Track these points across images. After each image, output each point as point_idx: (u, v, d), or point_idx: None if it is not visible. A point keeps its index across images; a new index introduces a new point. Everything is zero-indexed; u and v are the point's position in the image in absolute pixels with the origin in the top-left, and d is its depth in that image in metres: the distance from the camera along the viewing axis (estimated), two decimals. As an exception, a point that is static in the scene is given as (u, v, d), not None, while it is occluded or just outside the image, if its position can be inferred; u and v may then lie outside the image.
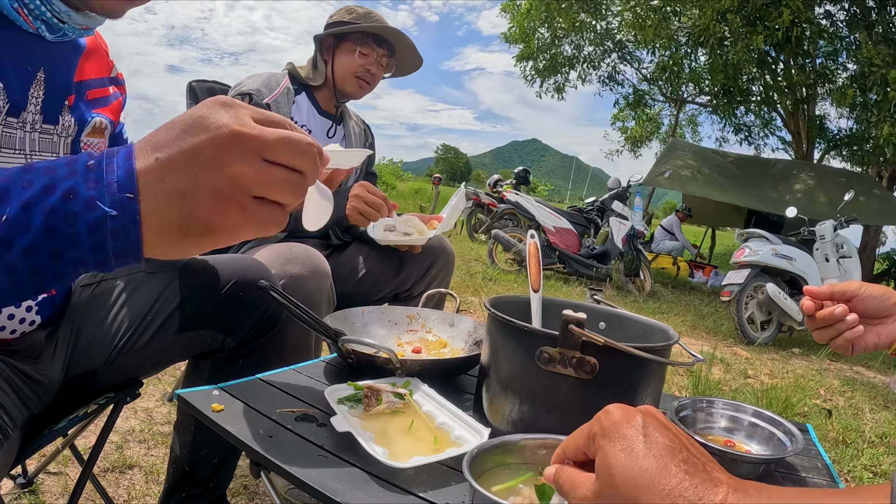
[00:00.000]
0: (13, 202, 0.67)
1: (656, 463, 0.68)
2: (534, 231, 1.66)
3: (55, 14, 1.16)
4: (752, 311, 7.92)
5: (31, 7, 1.12)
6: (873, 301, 1.46)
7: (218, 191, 0.70)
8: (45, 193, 0.68)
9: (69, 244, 0.68)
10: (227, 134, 0.70)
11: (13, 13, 1.12)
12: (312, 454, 1.17)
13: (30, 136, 1.25)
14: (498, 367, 1.33)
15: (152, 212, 0.69)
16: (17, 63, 1.17)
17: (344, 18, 2.67)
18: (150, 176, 0.69)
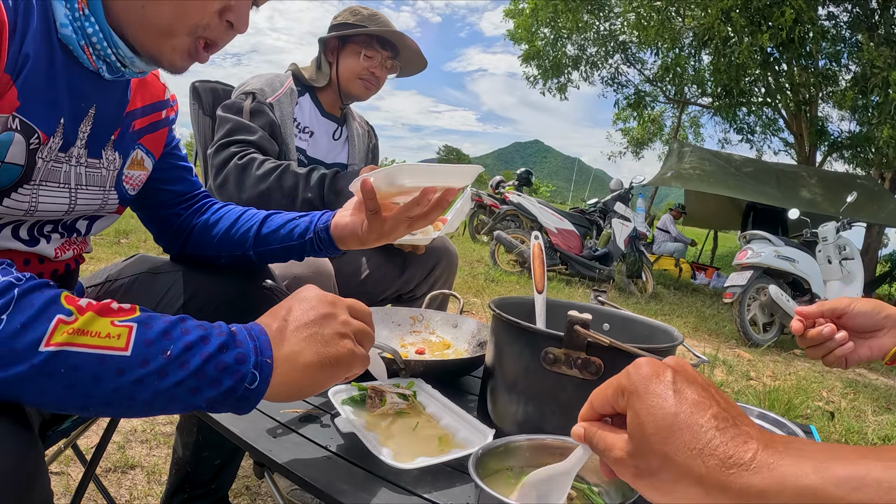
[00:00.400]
0: (177, 342, 0.84)
1: (688, 420, 0.69)
2: (538, 233, 1.66)
3: (119, 58, 1.19)
4: (754, 312, 7.90)
5: (98, 47, 1.15)
6: (863, 317, 1.47)
7: (338, 331, 1.01)
8: (202, 342, 0.87)
9: (210, 385, 0.86)
10: (331, 299, 1.04)
11: (79, 50, 1.14)
12: (317, 455, 1.17)
13: (75, 169, 1.26)
14: (503, 367, 1.33)
15: (279, 373, 0.94)
16: (74, 99, 1.19)
17: (349, 20, 2.65)
18: (278, 341, 0.97)
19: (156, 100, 1.50)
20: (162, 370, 0.82)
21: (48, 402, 0.78)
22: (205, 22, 1.19)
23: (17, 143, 1.07)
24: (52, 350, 0.76)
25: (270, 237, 1.60)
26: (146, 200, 1.62)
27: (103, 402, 0.81)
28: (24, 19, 1.05)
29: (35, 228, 1.27)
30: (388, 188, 1.36)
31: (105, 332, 0.80)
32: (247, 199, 2.26)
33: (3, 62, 1.01)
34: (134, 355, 0.81)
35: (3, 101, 1.03)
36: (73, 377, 0.77)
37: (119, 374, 0.79)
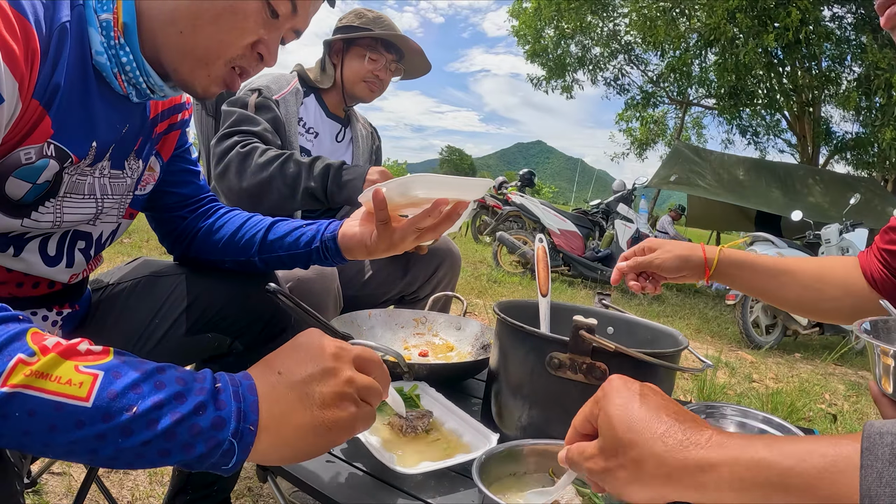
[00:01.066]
0: (146, 398, 0.76)
1: (650, 413, 0.78)
2: (542, 235, 1.66)
3: (149, 85, 1.24)
4: (756, 314, 7.89)
5: (131, 75, 1.20)
6: (668, 271, 1.72)
7: (339, 392, 0.89)
8: (176, 399, 0.78)
9: (181, 449, 0.77)
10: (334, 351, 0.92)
11: (111, 76, 1.19)
12: (320, 458, 1.16)
13: (99, 181, 1.30)
14: (507, 372, 1.32)
15: (267, 438, 0.84)
16: (109, 122, 1.24)
17: (353, 23, 2.65)
18: (268, 398, 0.86)
19: (174, 103, 1.53)
20: (126, 427, 0.75)
21: (6, 444, 0.74)
22: (239, 53, 1.24)
23: (51, 167, 1.12)
24: (7, 391, 0.71)
25: (276, 244, 1.60)
26: (152, 202, 1.62)
27: (64, 452, 0.75)
28: (58, 47, 1.07)
29: (66, 243, 1.32)
30: (400, 199, 1.36)
31: (66, 378, 0.74)
32: (247, 187, 2.25)
33: (33, 88, 1.03)
34: (95, 407, 0.74)
35: (39, 129, 1.06)
36: (27, 423, 0.72)
37: (77, 427, 0.73)
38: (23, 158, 1.07)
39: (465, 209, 1.40)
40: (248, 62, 1.28)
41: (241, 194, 2.27)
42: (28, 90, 1.02)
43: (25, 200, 1.14)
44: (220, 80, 1.28)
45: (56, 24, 1.06)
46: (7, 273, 1.24)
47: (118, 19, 1.15)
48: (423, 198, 1.34)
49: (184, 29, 1.18)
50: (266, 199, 2.26)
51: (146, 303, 1.59)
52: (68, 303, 1.46)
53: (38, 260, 1.27)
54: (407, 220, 1.42)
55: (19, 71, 0.97)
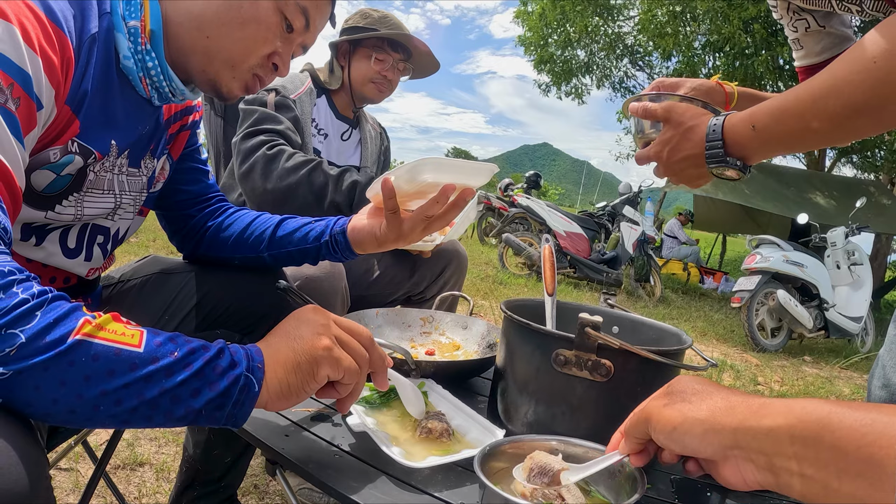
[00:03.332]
0: (182, 346, 0.91)
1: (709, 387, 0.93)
2: (548, 236, 1.67)
3: (171, 89, 1.34)
4: (762, 317, 7.90)
5: (155, 79, 1.30)
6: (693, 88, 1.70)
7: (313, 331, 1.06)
8: (203, 348, 0.93)
9: (209, 385, 0.91)
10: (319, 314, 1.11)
11: (137, 80, 1.28)
12: (328, 453, 1.18)
13: (118, 178, 1.37)
14: (514, 369, 1.34)
15: (272, 378, 0.99)
16: (130, 123, 1.33)
17: (359, 24, 2.66)
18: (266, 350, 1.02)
19: (186, 105, 1.59)
20: (169, 369, 0.88)
21: (64, 396, 0.81)
22: (258, 61, 1.36)
23: (76, 162, 1.20)
24: (78, 339, 0.82)
25: (285, 240, 1.62)
26: (162, 200, 1.66)
27: (114, 399, 0.84)
28: (88, 56, 1.16)
29: (86, 236, 1.39)
30: (408, 186, 1.37)
31: (121, 332, 0.87)
32: (272, 190, 2.26)
33: (66, 94, 1.11)
34: (146, 352, 0.87)
35: (68, 132, 1.15)
36: (90, 367, 0.82)
37: (131, 369, 0.85)
38: (51, 157, 1.14)
39: (471, 197, 1.41)
40: (265, 71, 1.39)
41: (264, 196, 2.28)
42: (62, 97, 1.09)
43: (48, 191, 1.20)
44: (243, 84, 1.38)
45: (86, 34, 1.15)
46: (26, 264, 1.28)
47: (145, 26, 1.24)
48: (431, 182, 1.35)
49: (210, 34, 1.29)
50: (290, 204, 2.28)
51: (156, 299, 1.61)
52: (81, 296, 1.49)
53: (57, 250, 1.33)
54: (416, 209, 1.43)
55: (56, 79, 1.05)
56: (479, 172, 1.39)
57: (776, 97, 1.27)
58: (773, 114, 1.25)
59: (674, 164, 1.44)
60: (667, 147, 1.43)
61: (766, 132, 1.27)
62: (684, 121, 1.40)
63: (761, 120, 1.27)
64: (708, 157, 1.35)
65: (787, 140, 1.28)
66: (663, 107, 1.45)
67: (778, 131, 1.25)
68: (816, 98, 1.18)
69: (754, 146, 1.31)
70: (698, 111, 1.41)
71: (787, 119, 1.23)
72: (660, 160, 1.47)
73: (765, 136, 1.27)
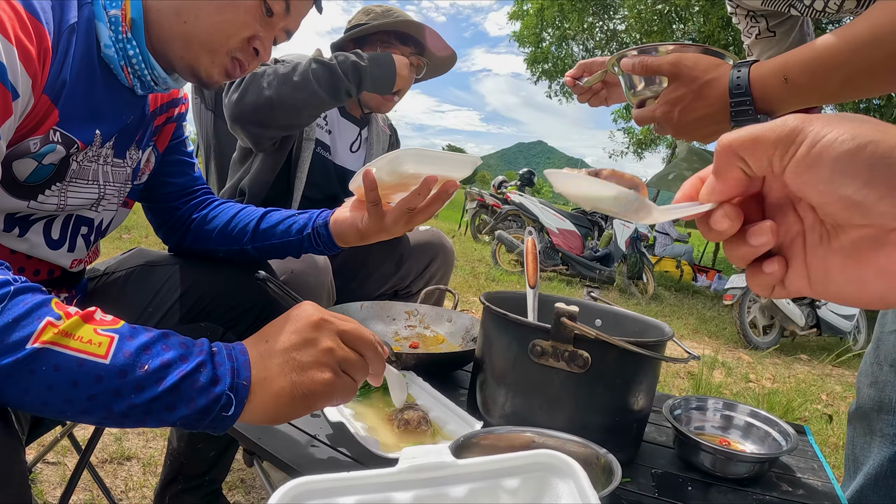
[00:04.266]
0: (155, 358, 0.85)
1: None
2: (532, 229, 1.67)
3: (153, 77, 1.35)
4: (754, 315, 7.92)
5: (137, 67, 1.31)
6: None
7: (316, 360, 0.95)
8: (180, 360, 0.87)
9: (185, 403, 0.86)
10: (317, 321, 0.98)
11: (118, 69, 1.29)
12: (304, 443, 1.18)
13: (102, 168, 1.38)
14: (492, 360, 1.33)
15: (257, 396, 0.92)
16: (114, 112, 1.33)
17: (362, 21, 2.50)
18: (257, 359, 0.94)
19: (172, 97, 1.60)
20: (139, 384, 0.83)
21: (30, 401, 0.80)
22: (237, 45, 1.36)
23: (57, 152, 1.20)
24: (38, 347, 0.78)
25: (269, 232, 1.62)
26: (147, 192, 1.67)
27: (81, 409, 0.81)
28: (66, 45, 1.16)
29: (69, 227, 1.39)
30: (389, 177, 1.36)
31: (87, 339, 0.82)
32: (273, 96, 2.08)
33: (44, 84, 1.11)
34: (112, 364, 0.82)
35: (48, 121, 1.15)
36: (53, 377, 0.79)
37: (97, 382, 0.81)
38: (31, 147, 1.14)
39: (454, 189, 1.41)
40: (246, 56, 1.39)
41: (265, 105, 2.11)
42: (40, 86, 1.10)
43: (31, 181, 1.20)
44: (222, 68, 1.38)
45: (65, 25, 1.15)
46: (10, 255, 1.29)
47: (126, 15, 1.25)
48: (413, 174, 1.35)
49: (188, 19, 1.29)
50: (297, 104, 2.12)
51: (141, 291, 1.61)
52: (66, 288, 1.49)
53: (41, 241, 1.33)
54: (398, 202, 1.43)
55: (33, 69, 1.05)
56: (461, 164, 1.39)
57: (804, 47, 1.18)
58: (807, 65, 1.16)
59: (687, 125, 1.33)
60: (678, 107, 1.32)
61: (800, 85, 1.18)
62: (697, 75, 1.28)
63: (794, 71, 1.17)
64: (735, 114, 1.25)
65: (820, 93, 1.18)
66: (670, 61, 1.31)
67: (812, 84, 1.17)
68: (855, 49, 1.11)
69: (785, 99, 1.21)
70: (711, 62, 1.29)
71: (822, 71, 1.15)
72: (668, 121, 1.36)
73: (797, 89, 1.19)
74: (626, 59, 1.39)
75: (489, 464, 0.75)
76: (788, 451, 1.32)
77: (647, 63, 1.34)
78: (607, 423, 1.23)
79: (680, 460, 1.37)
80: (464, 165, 1.39)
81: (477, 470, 0.74)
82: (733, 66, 1.26)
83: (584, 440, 1.09)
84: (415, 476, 0.73)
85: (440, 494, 0.73)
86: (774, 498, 1.24)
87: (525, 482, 0.75)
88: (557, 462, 0.74)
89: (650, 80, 1.38)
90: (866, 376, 1.58)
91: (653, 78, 1.38)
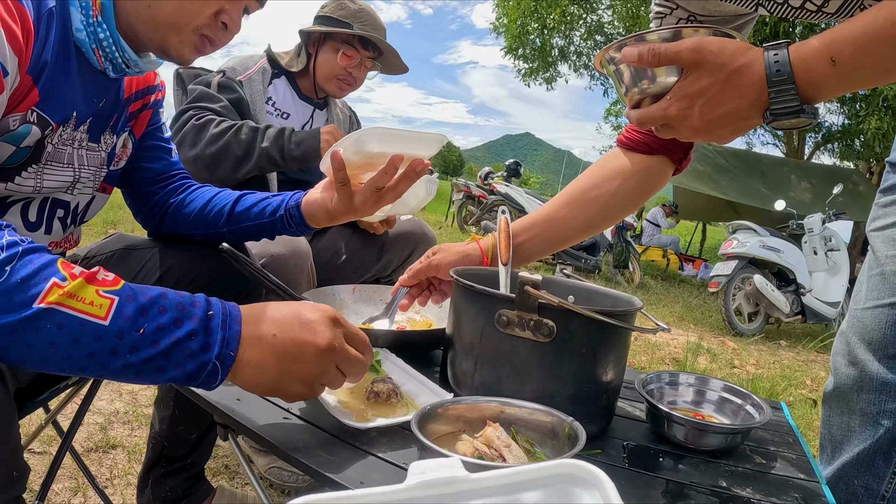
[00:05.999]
0: (151, 321, 0.90)
1: None
2: (504, 208, 1.69)
3: (124, 60, 1.37)
4: (739, 302, 7.97)
5: (108, 50, 1.34)
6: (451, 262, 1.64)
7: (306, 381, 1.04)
8: (174, 325, 0.92)
9: (175, 366, 0.92)
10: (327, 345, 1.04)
11: (90, 52, 1.32)
12: (278, 416, 1.20)
13: (77, 152, 1.41)
14: (461, 333, 1.35)
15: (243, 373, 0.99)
16: (87, 95, 1.36)
17: (334, 14, 2.62)
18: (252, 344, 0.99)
19: (147, 84, 1.63)
20: (134, 345, 0.88)
21: (32, 357, 0.84)
22: (203, 22, 1.37)
23: (33, 133, 1.23)
24: (44, 307, 0.82)
25: (243, 215, 1.64)
26: (125, 178, 1.69)
27: (79, 366, 0.86)
28: (47, 27, 1.20)
29: (46, 210, 1.42)
30: (356, 157, 1.38)
31: (90, 300, 0.86)
32: (202, 156, 2.28)
33: (27, 64, 1.15)
34: (111, 326, 0.86)
35: (27, 100, 1.18)
36: (55, 335, 0.83)
37: (95, 341, 0.85)
38: (11, 125, 1.17)
39: (422, 168, 1.42)
40: (214, 31, 1.41)
41: (196, 163, 2.29)
42: (24, 66, 1.14)
43: (9, 163, 1.24)
44: (192, 46, 1.40)
45: (44, 8, 1.19)
46: None
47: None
48: (379, 153, 1.36)
49: (152, 3, 1.32)
50: (222, 164, 2.30)
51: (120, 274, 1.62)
52: None
53: (19, 223, 1.36)
54: (366, 182, 1.45)
55: (18, 48, 1.10)
56: (426, 141, 1.40)
57: (848, 24, 1.02)
58: (857, 43, 1.00)
59: (710, 123, 1.12)
60: (698, 101, 1.10)
61: (851, 65, 1.01)
62: (724, 62, 1.07)
63: (843, 51, 1.01)
64: (775, 104, 1.06)
65: (872, 73, 1.03)
66: (691, 46, 1.09)
67: (864, 63, 1.01)
68: None
69: (832, 84, 1.04)
70: (739, 45, 1.09)
71: (877, 48, 0.99)
72: (686, 120, 1.14)
73: (847, 71, 1.02)
74: (628, 47, 1.14)
75: (507, 477, 0.69)
76: (761, 422, 1.32)
77: (660, 51, 1.11)
78: (576, 393, 1.24)
79: (653, 434, 1.37)
80: (429, 143, 1.41)
81: (493, 484, 0.69)
82: (765, 49, 1.06)
83: (551, 409, 1.11)
84: (426, 492, 0.68)
85: (454, 512, 0.69)
86: (748, 469, 1.24)
87: (547, 495, 0.69)
88: (582, 473, 0.68)
89: (652, 73, 1.16)
90: (843, 356, 1.56)
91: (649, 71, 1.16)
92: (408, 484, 0.67)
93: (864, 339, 1.50)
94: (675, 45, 1.10)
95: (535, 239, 1.70)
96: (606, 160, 1.72)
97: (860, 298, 1.54)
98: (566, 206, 1.70)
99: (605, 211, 1.69)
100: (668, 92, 1.14)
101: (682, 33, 1.14)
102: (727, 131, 1.13)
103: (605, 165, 1.70)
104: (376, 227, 2.60)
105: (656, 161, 1.65)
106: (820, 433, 1.67)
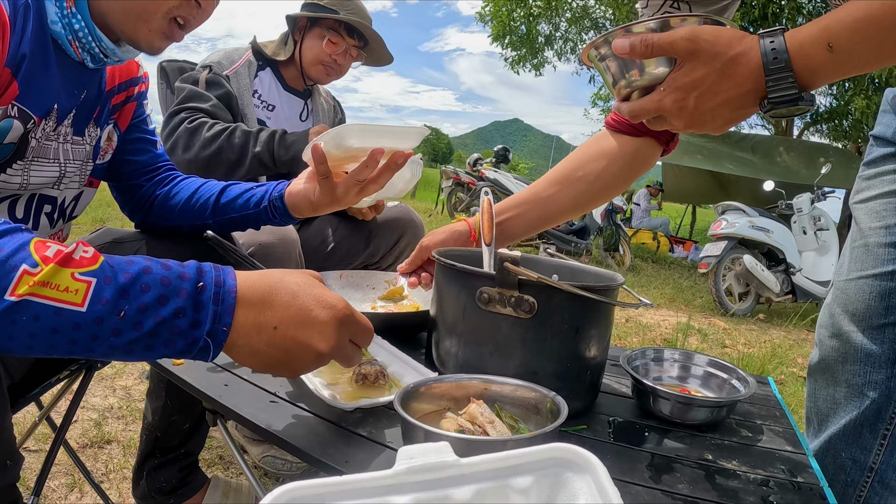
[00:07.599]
0: (132, 302, 0.85)
1: None
2: (487, 189, 1.70)
3: (102, 49, 1.37)
4: (729, 282, 8.00)
5: (84, 41, 1.33)
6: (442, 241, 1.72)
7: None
8: (158, 303, 0.86)
9: (164, 345, 0.88)
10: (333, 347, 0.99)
11: (66, 43, 1.32)
12: (264, 400, 1.21)
13: (62, 146, 1.42)
14: (444, 312, 1.36)
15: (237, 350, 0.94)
16: (67, 87, 1.36)
17: (321, 1, 2.65)
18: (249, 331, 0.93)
19: (130, 76, 1.63)
20: (116, 329, 0.84)
21: (16, 347, 0.82)
22: (174, 4, 1.36)
23: (15, 128, 1.23)
24: (15, 300, 0.79)
25: (228, 207, 1.66)
26: (111, 171, 1.70)
27: (66, 350, 0.84)
28: (24, 19, 1.20)
29: (33, 206, 1.42)
30: (337, 151, 1.39)
31: (64, 286, 0.82)
32: (196, 160, 2.29)
33: (5, 57, 1.15)
34: (88, 312, 0.82)
35: (7, 94, 1.18)
36: (33, 326, 0.80)
37: (75, 329, 0.82)
38: None
39: (404, 160, 1.43)
40: (187, 10, 1.39)
41: (189, 167, 2.29)
42: (2, 59, 1.15)
43: None
44: (160, 33, 1.39)
45: (20, 2, 1.19)
46: None
47: None
48: (359, 147, 1.37)
49: None
50: (215, 169, 2.30)
51: None
52: None
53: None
54: (348, 174, 1.46)
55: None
56: (407, 135, 1.42)
57: (843, 8, 1.01)
58: (854, 28, 0.98)
59: (706, 113, 1.11)
60: (694, 92, 1.09)
61: (848, 51, 1.00)
62: (720, 50, 1.06)
63: (841, 36, 0.99)
64: (773, 92, 1.04)
65: (868, 58, 1.02)
66: (685, 36, 1.07)
67: (862, 48, 1.00)
68: None
69: (829, 70, 1.03)
70: (734, 33, 1.07)
71: (874, 32, 0.98)
72: (681, 111, 1.12)
73: (844, 56, 1.01)
74: (619, 39, 1.12)
75: (497, 461, 0.69)
76: (746, 395, 1.33)
77: (653, 41, 1.09)
78: (559, 369, 1.25)
79: (639, 409, 1.38)
80: (409, 136, 1.42)
81: (483, 469, 0.69)
82: (761, 36, 1.05)
83: (534, 385, 1.12)
84: (414, 478, 0.67)
85: (443, 497, 0.67)
86: (734, 443, 1.25)
87: (538, 480, 0.69)
88: (573, 456, 0.68)
89: (641, 64, 1.14)
90: (827, 328, 1.56)
91: (639, 62, 1.14)
92: (396, 469, 0.67)
93: (847, 310, 1.49)
94: (669, 34, 1.08)
95: (521, 217, 1.73)
96: (594, 141, 1.75)
97: (843, 270, 1.54)
98: (552, 186, 1.74)
99: (591, 191, 1.72)
100: (660, 83, 1.12)
101: (671, 23, 1.12)
102: (723, 121, 1.12)
103: (593, 147, 1.74)
104: (365, 213, 2.61)
105: (643, 143, 1.68)
106: (805, 406, 1.67)
